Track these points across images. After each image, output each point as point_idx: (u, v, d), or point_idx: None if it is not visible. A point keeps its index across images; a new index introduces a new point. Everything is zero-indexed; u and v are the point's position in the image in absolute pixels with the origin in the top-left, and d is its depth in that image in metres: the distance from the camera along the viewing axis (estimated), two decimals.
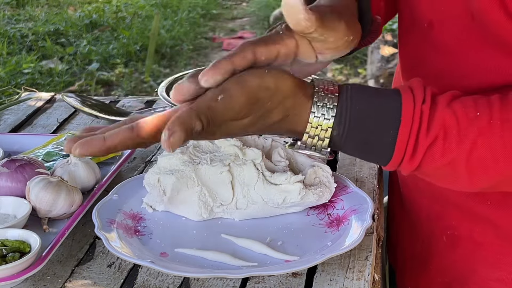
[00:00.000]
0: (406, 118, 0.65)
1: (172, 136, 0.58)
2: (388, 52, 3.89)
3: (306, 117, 0.65)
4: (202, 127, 0.60)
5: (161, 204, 0.90)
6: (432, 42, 0.81)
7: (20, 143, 1.12)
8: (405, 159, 0.66)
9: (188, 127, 0.59)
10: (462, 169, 0.67)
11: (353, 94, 0.66)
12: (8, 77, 4.07)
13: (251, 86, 0.63)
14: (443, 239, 0.91)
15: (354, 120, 0.66)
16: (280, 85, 0.64)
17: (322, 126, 0.65)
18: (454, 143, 0.65)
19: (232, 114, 0.62)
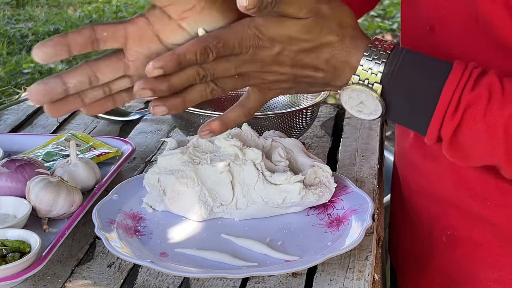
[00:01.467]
0: (455, 71, 0.66)
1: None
2: None
3: (362, 50, 0.67)
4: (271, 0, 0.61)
5: (161, 204, 0.90)
6: (434, 45, 0.81)
7: (20, 143, 1.12)
8: (448, 112, 0.66)
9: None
10: (500, 135, 0.66)
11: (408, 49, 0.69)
12: (8, 77, 4.07)
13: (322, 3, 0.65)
14: (442, 239, 0.91)
15: (406, 61, 0.67)
16: (341, 11, 0.67)
17: (376, 60, 0.67)
18: (497, 106, 0.65)
19: (295, 6, 0.63)
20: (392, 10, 5.16)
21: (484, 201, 0.83)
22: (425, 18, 0.81)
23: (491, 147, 0.68)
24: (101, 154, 1.06)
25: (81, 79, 0.63)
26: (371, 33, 4.68)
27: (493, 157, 0.69)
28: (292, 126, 1.07)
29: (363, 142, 1.15)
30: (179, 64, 0.62)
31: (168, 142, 0.95)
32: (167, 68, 0.61)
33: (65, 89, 0.62)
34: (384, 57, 0.67)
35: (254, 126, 0.99)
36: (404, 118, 0.72)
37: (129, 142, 1.11)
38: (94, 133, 1.22)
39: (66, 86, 0.62)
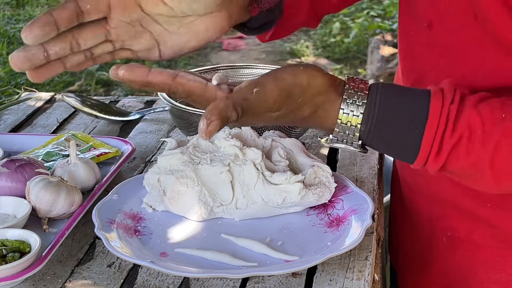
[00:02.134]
0: (433, 117, 0.66)
1: (210, 125, 0.61)
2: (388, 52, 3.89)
3: (336, 113, 0.68)
4: (237, 117, 0.63)
5: (161, 204, 0.90)
6: (432, 42, 0.81)
7: (20, 143, 1.12)
8: (431, 157, 0.67)
9: (225, 116, 0.62)
10: (486, 169, 0.67)
11: (382, 92, 0.68)
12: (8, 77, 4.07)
13: (285, 82, 0.66)
14: (443, 240, 0.91)
15: (381, 118, 0.68)
16: (313, 82, 0.67)
17: (351, 122, 0.68)
18: (478, 143, 0.66)
19: (265, 106, 0.66)
20: (392, 10, 5.16)
21: (485, 202, 0.83)
22: (422, 15, 0.81)
23: (478, 179, 0.70)
24: (101, 154, 1.06)
25: (63, 46, 0.64)
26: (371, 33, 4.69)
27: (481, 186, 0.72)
28: (292, 126, 1.07)
29: None
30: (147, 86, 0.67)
31: (168, 142, 0.95)
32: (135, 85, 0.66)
33: (46, 56, 0.63)
34: (361, 107, 0.68)
35: (254, 126, 0.99)
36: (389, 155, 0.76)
37: (129, 142, 1.11)
38: (94, 133, 1.22)
39: (47, 53, 0.63)
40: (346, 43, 4.74)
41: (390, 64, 3.81)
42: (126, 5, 0.66)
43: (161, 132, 1.22)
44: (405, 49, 0.90)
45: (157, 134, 1.21)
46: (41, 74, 0.65)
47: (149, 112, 1.28)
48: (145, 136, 1.20)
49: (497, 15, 0.70)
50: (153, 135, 1.21)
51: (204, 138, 0.62)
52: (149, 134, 1.21)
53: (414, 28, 0.84)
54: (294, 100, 0.67)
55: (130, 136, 1.20)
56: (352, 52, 4.65)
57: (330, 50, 4.74)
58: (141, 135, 1.21)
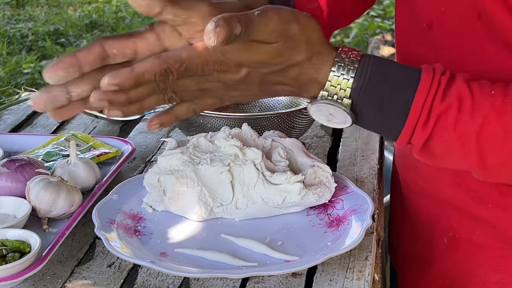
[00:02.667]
0: (424, 82, 0.66)
1: (218, 28, 0.58)
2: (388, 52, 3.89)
3: (330, 66, 0.67)
4: (240, 31, 0.60)
5: (161, 204, 0.90)
6: (431, 42, 0.81)
7: (20, 143, 1.12)
8: (419, 123, 0.67)
9: (231, 25, 0.59)
10: (472, 144, 0.67)
11: (375, 56, 0.69)
12: (8, 77, 4.07)
13: (285, 13, 0.65)
14: (443, 241, 0.91)
15: (374, 75, 0.67)
16: (309, 25, 0.66)
17: (344, 76, 0.67)
18: (467, 115, 0.66)
19: (264, 30, 0.63)
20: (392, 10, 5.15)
21: (485, 203, 0.83)
22: (422, 16, 0.81)
23: (463, 155, 0.69)
24: (101, 154, 1.06)
25: (85, 88, 0.63)
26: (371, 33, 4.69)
27: (465, 164, 0.71)
28: (292, 126, 1.07)
29: (363, 142, 1.15)
30: (136, 82, 0.62)
31: (168, 142, 0.95)
32: (123, 86, 0.61)
33: (68, 97, 0.63)
34: (352, 71, 0.67)
35: (254, 126, 0.99)
36: (374, 128, 0.73)
37: (129, 142, 1.11)
38: (94, 133, 1.22)
39: (69, 95, 0.63)
40: (346, 43, 4.74)
41: None
42: (152, 49, 0.65)
43: (161, 132, 1.22)
44: (402, 49, 0.90)
45: (157, 134, 1.21)
46: (62, 114, 0.64)
47: (149, 112, 1.28)
48: (145, 136, 1.20)
49: (499, 16, 0.70)
50: (153, 135, 1.21)
51: (211, 39, 0.58)
52: (149, 134, 1.21)
53: (412, 29, 0.84)
54: (291, 34, 0.65)
55: (130, 136, 1.20)
56: None
57: None
58: (141, 135, 1.21)
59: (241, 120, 1.01)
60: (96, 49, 0.62)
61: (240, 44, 0.63)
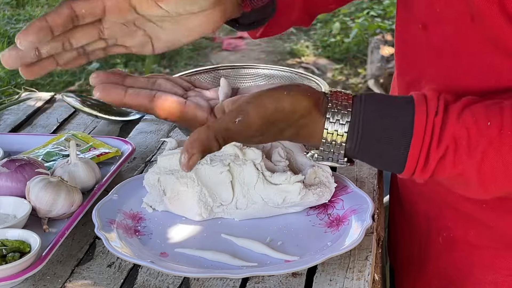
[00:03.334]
0: (418, 132, 0.66)
1: (191, 159, 0.61)
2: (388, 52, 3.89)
3: (320, 133, 0.67)
4: (219, 147, 0.63)
5: (161, 204, 0.90)
6: (426, 43, 0.81)
7: (20, 143, 1.12)
8: (417, 170, 0.67)
9: (206, 148, 0.62)
10: (473, 179, 0.67)
11: (366, 107, 0.67)
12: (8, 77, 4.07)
13: (268, 109, 0.65)
14: (439, 240, 0.91)
15: (366, 135, 0.67)
16: (296, 107, 0.66)
17: (336, 141, 0.67)
18: (465, 155, 0.66)
19: (247, 134, 0.65)
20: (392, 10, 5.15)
21: (480, 203, 0.83)
22: (417, 17, 0.81)
23: (466, 187, 0.70)
24: (101, 154, 1.06)
25: (55, 45, 0.64)
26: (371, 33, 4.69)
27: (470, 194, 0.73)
28: None
29: None
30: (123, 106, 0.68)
31: (168, 142, 0.95)
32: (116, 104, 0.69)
33: (38, 54, 0.64)
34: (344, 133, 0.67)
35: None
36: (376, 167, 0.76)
37: (129, 142, 1.11)
38: (94, 133, 1.22)
39: (39, 52, 0.64)
40: (346, 43, 4.74)
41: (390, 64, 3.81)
42: (121, 8, 0.66)
43: (161, 132, 1.22)
44: (401, 49, 0.90)
45: (157, 134, 1.21)
46: (33, 71, 0.65)
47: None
48: (145, 136, 1.20)
49: (493, 18, 0.70)
50: (153, 135, 1.21)
51: (185, 171, 0.62)
52: (149, 134, 1.21)
53: (410, 29, 0.84)
54: (276, 126, 0.66)
55: (130, 136, 1.20)
56: (352, 52, 4.65)
57: (330, 50, 4.74)
58: (141, 135, 1.21)
59: None
60: (65, 10, 0.63)
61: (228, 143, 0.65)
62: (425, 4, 0.79)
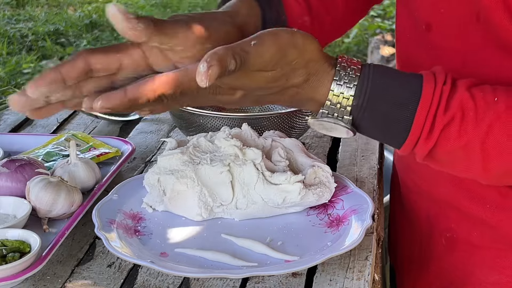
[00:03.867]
0: (426, 95, 0.66)
1: (211, 68, 0.58)
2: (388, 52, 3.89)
3: (328, 85, 0.67)
4: (235, 66, 0.60)
5: (161, 204, 0.90)
6: (430, 44, 0.81)
7: (20, 143, 1.12)
8: (422, 136, 0.67)
9: (224, 63, 0.59)
10: (476, 153, 0.66)
11: (375, 68, 0.67)
12: (8, 77, 4.07)
13: (283, 38, 0.64)
14: (441, 241, 0.91)
15: (374, 91, 0.66)
16: (307, 46, 0.65)
17: (343, 94, 0.67)
18: (471, 125, 0.65)
19: (261, 61, 0.63)
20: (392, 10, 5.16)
21: (483, 203, 0.83)
22: (421, 18, 0.81)
23: (468, 163, 0.69)
24: (101, 154, 1.06)
25: (65, 94, 0.63)
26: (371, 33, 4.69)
27: (470, 172, 0.70)
28: (292, 126, 1.07)
29: (363, 142, 1.15)
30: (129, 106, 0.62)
31: (168, 142, 0.95)
32: (117, 109, 0.61)
33: (47, 101, 0.63)
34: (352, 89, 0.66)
35: (254, 126, 0.99)
36: (377, 139, 0.75)
37: (129, 142, 1.11)
38: (94, 133, 1.22)
39: (48, 99, 0.63)
40: (346, 43, 4.74)
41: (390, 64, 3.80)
42: (137, 66, 0.65)
43: (161, 132, 1.22)
44: (402, 50, 0.90)
45: (157, 134, 1.21)
46: (40, 114, 0.64)
47: None
48: (145, 136, 1.20)
49: (498, 16, 0.70)
50: (153, 135, 1.21)
51: (203, 82, 0.58)
52: (149, 134, 1.21)
53: (412, 30, 0.84)
54: (288, 61, 0.65)
55: (130, 136, 1.20)
56: (352, 52, 4.65)
57: (330, 50, 4.74)
58: (141, 135, 1.21)
59: (241, 120, 1.01)
60: (80, 64, 0.62)
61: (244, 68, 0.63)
62: (429, 4, 0.79)
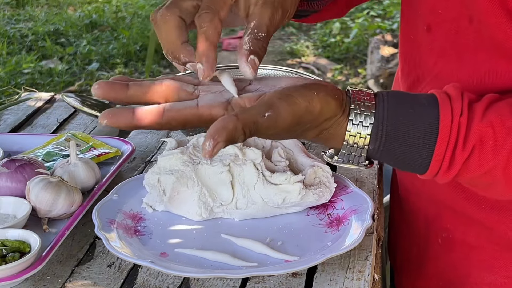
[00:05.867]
0: (443, 133, 0.64)
1: (216, 147, 0.57)
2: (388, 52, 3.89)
3: (342, 135, 0.65)
4: (243, 139, 0.59)
5: (161, 204, 0.90)
6: (430, 45, 0.81)
7: (20, 143, 1.12)
8: (441, 171, 0.66)
9: (232, 138, 0.58)
10: (499, 177, 0.66)
11: (389, 107, 0.65)
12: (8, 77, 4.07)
13: (300, 109, 0.62)
14: (438, 241, 0.91)
15: (390, 135, 0.65)
16: (324, 109, 0.63)
17: (358, 144, 0.65)
18: (491, 154, 0.64)
19: (275, 130, 0.61)
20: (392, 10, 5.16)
21: (479, 204, 0.83)
22: (422, 19, 0.81)
23: (490, 186, 0.68)
24: (101, 154, 1.06)
25: None
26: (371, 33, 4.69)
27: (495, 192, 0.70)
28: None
29: None
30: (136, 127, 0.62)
31: (168, 142, 0.95)
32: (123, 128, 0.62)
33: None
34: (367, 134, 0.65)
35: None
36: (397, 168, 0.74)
37: (129, 142, 1.11)
38: (94, 133, 1.22)
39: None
40: (346, 43, 4.74)
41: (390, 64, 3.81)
42: None
43: (161, 132, 1.22)
44: (405, 51, 0.90)
45: (157, 134, 1.21)
46: None
47: None
48: (145, 136, 1.20)
49: (494, 18, 0.70)
50: (153, 135, 1.21)
51: (207, 158, 0.57)
52: (149, 134, 1.21)
53: (414, 31, 0.84)
54: (302, 125, 0.63)
55: (130, 136, 1.20)
56: (352, 52, 4.65)
57: (330, 50, 4.74)
58: (141, 135, 1.21)
59: None
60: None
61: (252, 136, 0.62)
62: (429, 5, 0.79)
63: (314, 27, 5.26)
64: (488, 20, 0.70)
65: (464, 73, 0.77)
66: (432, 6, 0.79)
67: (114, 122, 0.60)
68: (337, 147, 0.67)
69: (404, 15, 0.89)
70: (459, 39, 0.76)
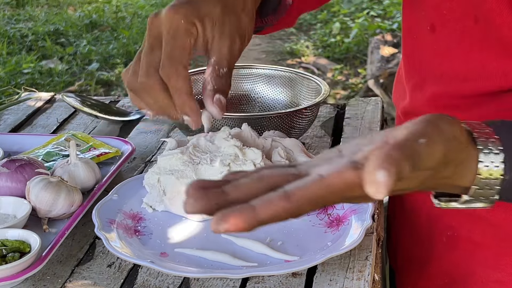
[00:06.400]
0: None
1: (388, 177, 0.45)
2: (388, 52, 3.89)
3: (474, 168, 0.57)
4: (408, 172, 0.48)
5: (161, 204, 0.90)
6: (434, 45, 0.81)
7: (20, 143, 1.12)
8: None
9: (398, 169, 0.46)
10: None
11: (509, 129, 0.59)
12: (8, 77, 4.07)
13: (447, 133, 0.54)
14: (442, 240, 0.91)
15: None
16: (459, 136, 0.55)
17: (492, 175, 0.58)
18: None
19: (431, 162, 0.52)
20: (392, 10, 5.16)
21: None
22: (426, 18, 0.81)
23: None
24: (101, 154, 1.06)
25: None
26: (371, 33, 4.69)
27: None
28: (292, 126, 1.07)
29: None
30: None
31: (168, 142, 0.95)
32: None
33: None
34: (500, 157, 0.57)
35: (254, 126, 0.99)
36: None
37: (129, 142, 1.11)
38: (94, 133, 1.22)
39: None
40: (346, 43, 4.74)
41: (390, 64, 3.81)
42: None
43: (161, 132, 1.22)
44: (408, 51, 0.90)
45: (157, 134, 1.21)
46: None
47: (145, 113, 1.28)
48: (145, 136, 1.20)
49: (502, 17, 0.70)
50: (153, 135, 1.21)
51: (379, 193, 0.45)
52: (149, 134, 1.21)
53: (418, 31, 0.84)
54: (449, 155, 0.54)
55: (130, 136, 1.20)
56: (352, 52, 4.65)
57: (330, 50, 4.74)
58: (141, 135, 1.21)
59: (241, 120, 1.01)
60: None
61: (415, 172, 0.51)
62: (433, 5, 0.79)
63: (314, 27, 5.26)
64: (496, 19, 0.70)
65: (469, 72, 0.77)
66: (436, 6, 0.79)
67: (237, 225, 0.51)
68: (467, 186, 0.59)
69: (406, 15, 0.88)
70: (465, 39, 0.76)
